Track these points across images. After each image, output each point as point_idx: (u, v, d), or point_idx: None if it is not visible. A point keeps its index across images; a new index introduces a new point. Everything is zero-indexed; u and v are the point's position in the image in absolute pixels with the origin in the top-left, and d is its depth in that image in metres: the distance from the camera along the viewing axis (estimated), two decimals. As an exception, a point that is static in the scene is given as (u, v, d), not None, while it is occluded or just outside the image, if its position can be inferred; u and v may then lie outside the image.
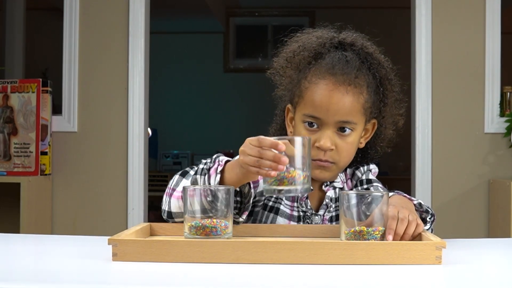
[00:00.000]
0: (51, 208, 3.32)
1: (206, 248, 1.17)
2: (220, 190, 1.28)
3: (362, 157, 1.67)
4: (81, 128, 3.36)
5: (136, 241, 1.20)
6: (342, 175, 1.64)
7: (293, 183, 1.29)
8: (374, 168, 1.67)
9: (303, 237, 1.43)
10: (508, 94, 3.26)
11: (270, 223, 1.55)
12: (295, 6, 6.81)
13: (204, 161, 1.45)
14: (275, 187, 1.30)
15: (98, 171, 3.35)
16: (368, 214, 1.25)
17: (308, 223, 1.56)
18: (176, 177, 1.48)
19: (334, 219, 1.58)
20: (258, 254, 1.17)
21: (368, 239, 1.24)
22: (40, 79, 3.25)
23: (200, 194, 1.28)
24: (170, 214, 1.46)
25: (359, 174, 1.65)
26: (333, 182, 1.61)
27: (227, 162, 1.40)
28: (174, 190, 1.45)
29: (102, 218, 3.33)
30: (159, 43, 6.28)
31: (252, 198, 1.42)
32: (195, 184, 1.40)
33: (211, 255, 1.17)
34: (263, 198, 1.57)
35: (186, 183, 1.43)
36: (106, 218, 3.33)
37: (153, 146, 6.09)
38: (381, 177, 1.72)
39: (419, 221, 1.32)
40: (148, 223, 1.44)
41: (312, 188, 1.33)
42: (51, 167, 3.31)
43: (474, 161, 3.27)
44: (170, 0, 6.08)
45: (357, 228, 1.25)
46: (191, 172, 1.46)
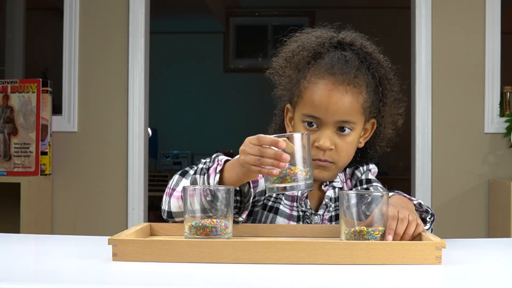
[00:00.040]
0: (51, 208, 3.32)
1: (206, 248, 1.17)
2: (220, 190, 1.28)
3: (361, 156, 1.67)
4: (81, 128, 3.36)
5: (136, 241, 1.20)
6: (342, 175, 1.64)
7: (295, 180, 1.28)
8: (373, 168, 1.67)
9: (303, 237, 1.43)
10: (508, 94, 3.26)
11: (270, 223, 1.55)
12: (295, 6, 6.81)
13: (203, 160, 1.45)
14: (277, 185, 1.29)
15: (98, 171, 3.35)
16: (368, 214, 1.25)
17: (308, 223, 1.56)
18: (176, 177, 1.48)
19: (334, 219, 1.58)
20: (258, 254, 1.17)
21: (368, 239, 1.24)
22: (40, 79, 3.25)
23: (200, 194, 1.28)
24: (170, 214, 1.46)
25: (358, 174, 1.64)
26: (332, 182, 1.61)
27: (226, 162, 1.40)
28: (174, 190, 1.45)
29: (102, 218, 3.33)
30: (159, 43, 6.28)
31: (251, 198, 1.42)
32: (194, 183, 1.40)
33: (211, 255, 1.17)
34: (263, 198, 1.57)
35: (186, 182, 1.43)
36: (106, 218, 3.33)
37: (153, 146, 6.08)
38: (381, 177, 1.72)
39: (419, 221, 1.32)
40: (148, 223, 1.44)
41: (312, 186, 1.33)
42: (51, 167, 3.31)
43: (474, 161, 3.27)
44: (170, 0, 6.08)
45: (357, 228, 1.25)
46: (191, 171, 1.46)
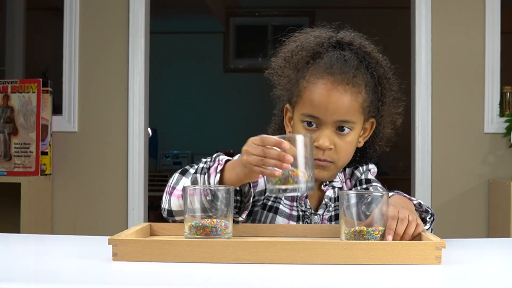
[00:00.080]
0: (51, 208, 3.32)
1: (206, 248, 1.17)
2: (220, 190, 1.28)
3: (360, 156, 1.67)
4: (81, 128, 3.36)
5: (136, 241, 1.20)
6: (341, 175, 1.64)
7: (297, 182, 1.27)
8: (373, 168, 1.67)
9: (303, 237, 1.43)
10: (508, 94, 3.26)
11: (270, 223, 1.55)
12: (295, 6, 6.81)
13: (204, 160, 1.44)
14: (279, 186, 1.28)
15: (98, 171, 3.35)
16: (368, 214, 1.25)
17: (308, 223, 1.56)
18: (176, 175, 1.47)
19: (334, 219, 1.58)
20: (258, 254, 1.17)
21: (368, 239, 1.24)
22: (40, 79, 3.25)
23: (200, 193, 1.28)
24: (170, 213, 1.46)
25: (358, 174, 1.65)
26: (332, 181, 1.61)
27: (227, 162, 1.40)
28: (174, 188, 1.45)
29: (102, 218, 3.33)
30: (159, 43, 6.28)
31: (252, 198, 1.42)
32: (195, 183, 1.40)
33: (211, 255, 1.17)
34: (262, 198, 1.57)
35: (186, 181, 1.43)
36: (106, 218, 3.33)
37: (153, 146, 6.08)
38: (381, 177, 1.72)
39: (419, 221, 1.32)
40: (148, 223, 1.44)
41: (313, 189, 1.33)
42: (51, 167, 3.31)
43: (474, 161, 3.27)
44: (170, 0, 6.08)
45: (357, 228, 1.25)
46: (191, 170, 1.45)
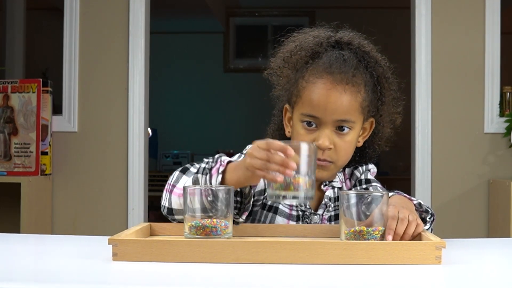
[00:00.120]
0: (51, 208, 3.32)
1: (206, 248, 1.17)
2: (220, 190, 1.28)
3: (360, 156, 1.67)
4: (81, 128, 3.36)
5: (136, 241, 1.20)
6: (341, 175, 1.64)
7: (298, 190, 1.27)
8: (372, 168, 1.67)
9: (303, 237, 1.43)
10: (508, 94, 3.26)
11: (269, 223, 1.55)
12: (295, 6, 6.81)
13: (206, 160, 1.44)
14: (279, 192, 1.27)
15: (98, 171, 3.35)
16: (368, 214, 1.25)
17: (307, 223, 1.56)
18: (176, 173, 1.47)
19: (333, 219, 1.58)
20: (258, 254, 1.17)
21: (368, 239, 1.24)
22: (40, 79, 3.25)
23: (200, 193, 1.28)
24: (170, 211, 1.45)
25: (358, 174, 1.65)
26: (332, 181, 1.61)
27: (229, 163, 1.40)
28: (174, 186, 1.44)
29: (102, 218, 3.33)
30: (159, 43, 6.28)
31: (252, 199, 1.42)
32: (196, 183, 1.40)
33: (211, 255, 1.17)
34: (262, 198, 1.57)
35: (186, 180, 1.43)
36: (106, 218, 3.33)
37: (153, 146, 6.08)
38: (381, 177, 1.72)
39: (419, 221, 1.32)
40: (148, 223, 1.44)
41: (313, 198, 1.32)
42: (51, 167, 3.31)
43: (474, 161, 3.27)
44: (170, 0, 6.08)
45: (357, 228, 1.25)
46: (192, 169, 1.45)
